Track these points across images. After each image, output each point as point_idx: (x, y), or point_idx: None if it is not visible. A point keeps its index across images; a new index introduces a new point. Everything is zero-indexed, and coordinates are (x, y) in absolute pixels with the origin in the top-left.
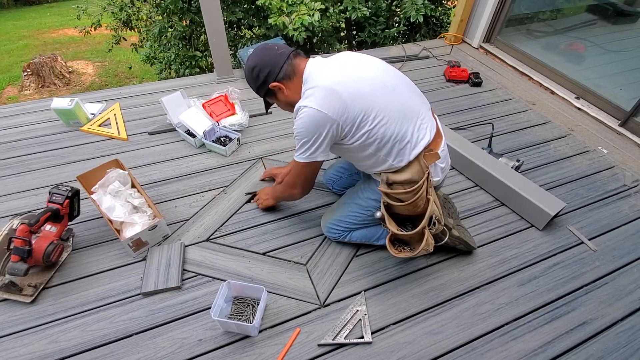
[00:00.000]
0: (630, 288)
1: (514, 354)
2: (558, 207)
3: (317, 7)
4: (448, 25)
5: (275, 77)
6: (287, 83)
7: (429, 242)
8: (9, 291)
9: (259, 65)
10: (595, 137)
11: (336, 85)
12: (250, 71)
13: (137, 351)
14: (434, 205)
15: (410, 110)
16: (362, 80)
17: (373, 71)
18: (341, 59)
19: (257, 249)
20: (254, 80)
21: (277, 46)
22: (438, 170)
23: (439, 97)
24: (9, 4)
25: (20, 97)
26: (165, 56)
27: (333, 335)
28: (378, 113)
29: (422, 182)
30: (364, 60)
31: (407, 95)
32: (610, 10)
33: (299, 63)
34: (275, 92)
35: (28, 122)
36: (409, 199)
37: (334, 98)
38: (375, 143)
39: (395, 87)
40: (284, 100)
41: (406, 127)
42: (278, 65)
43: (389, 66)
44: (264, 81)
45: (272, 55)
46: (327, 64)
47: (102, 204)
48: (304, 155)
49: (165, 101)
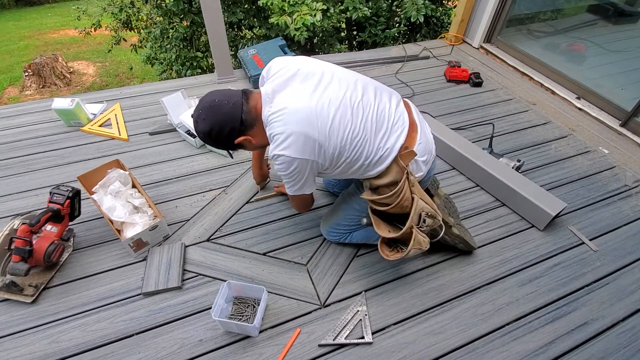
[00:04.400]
0: (632, 288)
1: (515, 354)
2: (559, 207)
3: (319, 7)
4: (448, 25)
5: (238, 132)
6: (252, 132)
7: (419, 240)
8: (9, 291)
9: (216, 126)
10: (596, 137)
11: (306, 128)
12: (208, 135)
13: (137, 351)
14: (421, 202)
15: (380, 118)
16: (329, 108)
17: (334, 89)
18: (295, 78)
19: (257, 249)
20: (215, 142)
21: (225, 99)
22: (420, 164)
23: (440, 98)
24: (10, 4)
25: (21, 97)
26: (166, 57)
27: (333, 335)
28: (352, 139)
29: (402, 182)
30: (322, 75)
31: (373, 100)
32: (610, 10)
33: (254, 105)
34: (244, 144)
35: (29, 122)
36: (393, 201)
37: (307, 142)
38: (354, 165)
39: (360, 99)
40: (253, 147)
41: (379, 138)
42: (236, 118)
43: (344, 72)
44: (227, 140)
45: (225, 112)
46: (285, 94)
47: (102, 204)
48: (292, 189)
49: (166, 101)
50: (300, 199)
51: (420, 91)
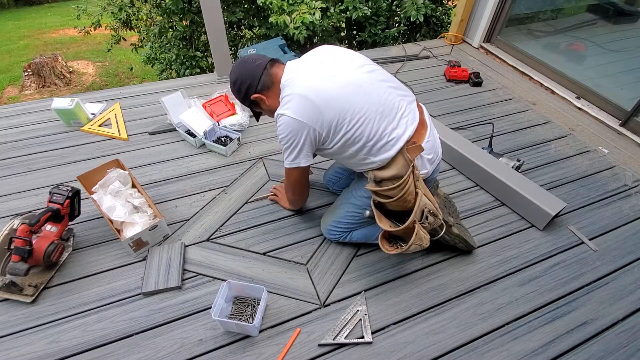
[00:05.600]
0: (631, 288)
1: (515, 354)
2: (559, 207)
3: (318, 5)
4: (448, 25)
5: (255, 89)
6: (267, 93)
7: (420, 236)
8: (9, 291)
9: (239, 79)
10: (596, 137)
11: (309, 92)
12: (233, 85)
13: (137, 351)
14: (424, 198)
15: (387, 107)
16: (337, 83)
17: (348, 71)
18: (316, 58)
19: (257, 249)
20: (237, 93)
21: (254, 58)
22: (425, 162)
23: (439, 97)
24: (9, 4)
25: (21, 97)
26: (166, 57)
27: (333, 335)
28: (353, 115)
29: (408, 175)
30: (341, 57)
31: (383, 92)
32: (610, 10)
33: (276, 72)
34: (258, 102)
35: (29, 122)
36: (397, 194)
37: (307, 105)
38: (354, 144)
39: (371, 86)
40: (267, 108)
41: (384, 124)
42: (256, 77)
43: (365, 61)
44: (246, 94)
45: (249, 68)
46: (303, 67)
47: (102, 204)
48: (287, 160)
49: (166, 101)
50: (294, 176)
51: (420, 91)
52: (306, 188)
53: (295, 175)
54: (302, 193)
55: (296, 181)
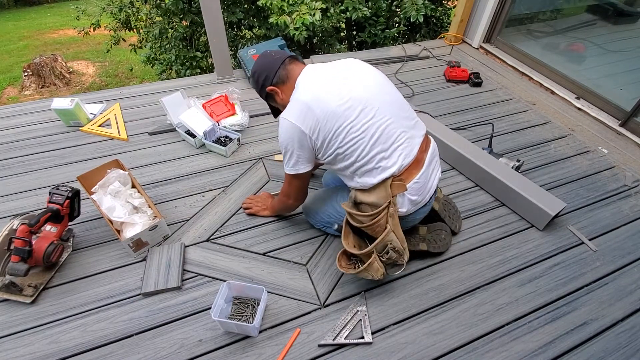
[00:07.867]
0: (631, 288)
1: (515, 354)
2: (558, 207)
3: (318, 6)
4: (448, 25)
5: (270, 82)
6: (282, 87)
7: (375, 267)
8: (9, 291)
9: (258, 70)
10: (596, 137)
11: (313, 101)
12: (253, 76)
13: (137, 352)
14: (392, 235)
15: (384, 135)
16: (341, 100)
17: (360, 90)
18: (334, 70)
19: (257, 249)
20: (255, 84)
21: (274, 52)
22: (406, 201)
23: (439, 98)
24: (9, 4)
25: (21, 97)
26: (166, 57)
27: (333, 335)
28: (348, 134)
29: (382, 209)
30: (358, 74)
31: (387, 119)
32: (610, 11)
33: (294, 68)
34: (273, 95)
35: (28, 122)
36: (366, 222)
37: (308, 113)
38: (344, 160)
39: (378, 110)
40: (280, 103)
41: (376, 150)
42: (273, 70)
43: (383, 82)
44: (262, 85)
45: (268, 61)
46: (317, 74)
47: (102, 204)
48: (288, 166)
49: (166, 101)
50: (295, 183)
51: (420, 91)
52: (305, 194)
53: (296, 181)
54: (301, 199)
55: (298, 187)
